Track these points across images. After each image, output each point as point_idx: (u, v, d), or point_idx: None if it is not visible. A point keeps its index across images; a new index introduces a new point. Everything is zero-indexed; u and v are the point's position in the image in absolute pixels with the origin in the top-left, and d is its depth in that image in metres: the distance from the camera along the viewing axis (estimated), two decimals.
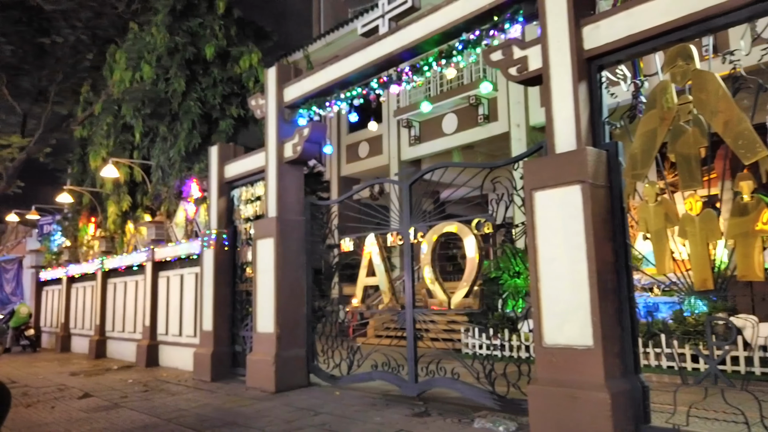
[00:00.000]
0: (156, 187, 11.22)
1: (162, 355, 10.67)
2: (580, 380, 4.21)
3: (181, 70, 10.70)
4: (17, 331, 15.14)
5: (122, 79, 11.83)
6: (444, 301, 5.93)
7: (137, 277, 11.79)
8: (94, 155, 12.27)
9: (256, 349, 7.78)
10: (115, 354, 12.41)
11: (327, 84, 7.35)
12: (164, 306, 10.72)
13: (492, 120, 13.82)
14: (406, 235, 6.45)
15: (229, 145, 9.51)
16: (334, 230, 7.77)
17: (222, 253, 9.02)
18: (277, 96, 8.09)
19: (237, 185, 9.21)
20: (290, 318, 7.59)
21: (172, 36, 10.78)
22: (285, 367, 7.37)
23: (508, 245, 10.43)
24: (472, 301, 5.67)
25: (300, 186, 8.16)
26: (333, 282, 8.35)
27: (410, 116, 15.39)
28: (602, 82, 4.72)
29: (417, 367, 6.21)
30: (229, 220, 9.25)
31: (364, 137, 17.43)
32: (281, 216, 7.76)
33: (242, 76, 11.16)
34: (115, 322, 12.58)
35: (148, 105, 10.60)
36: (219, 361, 8.66)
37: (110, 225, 12.48)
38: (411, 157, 15.96)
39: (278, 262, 7.60)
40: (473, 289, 5.68)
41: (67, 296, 15.04)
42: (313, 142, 7.71)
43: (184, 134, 10.57)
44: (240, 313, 8.88)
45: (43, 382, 9.20)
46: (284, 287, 7.59)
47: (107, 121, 11.97)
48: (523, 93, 13.10)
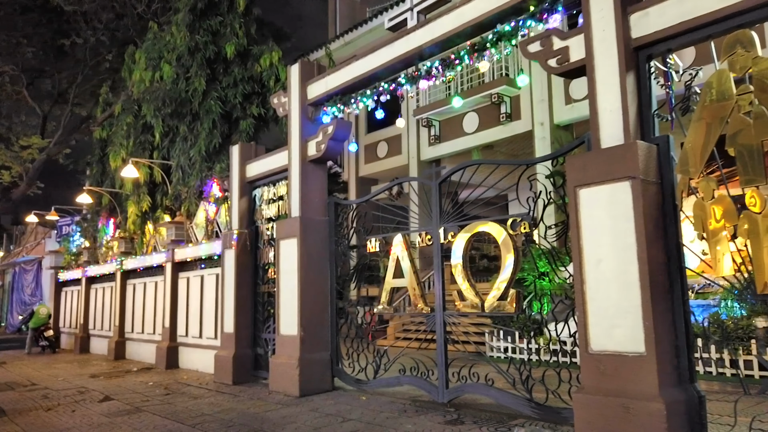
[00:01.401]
0: (176, 187, 11.10)
1: (182, 357, 10.54)
2: (631, 389, 3.95)
3: (201, 69, 10.57)
4: (36, 332, 15.12)
5: (142, 79, 11.74)
6: (477, 303, 5.70)
7: (157, 277, 11.68)
8: (113, 155, 12.20)
9: (279, 352, 7.59)
10: (135, 356, 12.31)
11: (353, 80, 7.16)
12: (184, 307, 10.59)
13: (515, 119, 13.55)
14: (435, 235, 6.23)
15: (251, 145, 9.35)
16: (358, 230, 7.54)
17: (244, 254, 8.85)
18: (300, 93, 7.91)
19: (259, 185, 9.05)
20: (314, 320, 7.39)
21: (192, 35, 10.66)
22: (309, 371, 7.17)
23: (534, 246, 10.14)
24: (508, 304, 5.42)
25: (323, 185, 7.98)
26: (352, 283, 8.13)
27: (430, 115, 15.15)
28: (651, 73, 4.46)
29: (448, 372, 5.98)
30: (251, 220, 9.09)
31: (383, 137, 17.23)
32: (304, 216, 7.58)
33: (263, 75, 11.00)
34: (135, 323, 12.48)
35: (168, 104, 10.48)
36: (241, 364, 8.49)
37: (130, 225, 12.39)
38: (430, 157, 15.70)
39: (302, 262, 7.41)
40: (509, 291, 5.44)
41: (86, 297, 15.00)
42: (337, 140, 7.52)
43: (204, 134, 10.44)
44: (262, 315, 8.71)
45: (62, 384, 9.09)
46: (308, 288, 7.40)
47: (127, 121, 11.88)
48: (546, 90, 12.82)
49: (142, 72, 11.73)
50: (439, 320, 6.08)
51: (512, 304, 5.40)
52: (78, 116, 19.06)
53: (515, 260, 5.41)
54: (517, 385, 5.27)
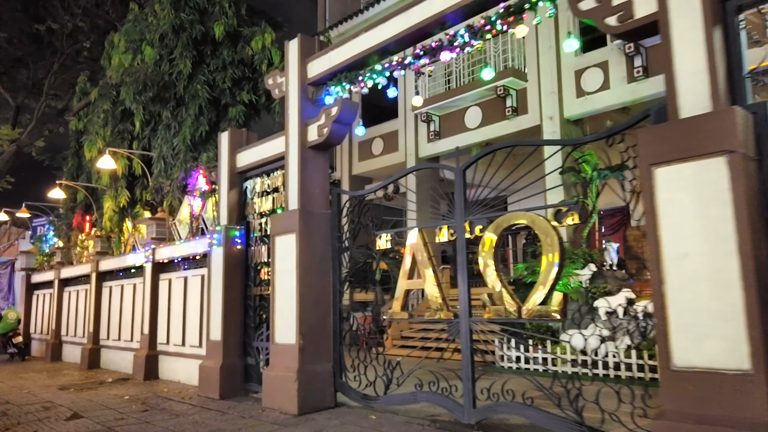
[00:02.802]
0: (158, 179, 10.14)
1: (162, 366, 9.56)
2: (731, 416, 3.15)
3: (187, 50, 9.65)
4: (5, 338, 14.00)
5: (121, 64, 10.76)
6: (512, 307, 4.87)
7: (135, 279, 10.69)
8: (89, 145, 11.18)
9: (275, 363, 6.69)
10: (110, 364, 11.29)
11: (361, 54, 6.33)
12: (165, 312, 9.62)
13: (521, 113, 12.79)
14: (460, 230, 5.39)
15: (242, 131, 8.46)
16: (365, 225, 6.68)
17: (233, 253, 7.95)
18: (299, 72, 7.05)
19: (250, 176, 8.16)
20: (315, 327, 6.51)
21: (177, 13, 9.73)
22: (309, 385, 6.28)
23: None
24: (552, 309, 4.60)
25: (325, 174, 7.11)
26: (344, 287, 7.23)
27: (430, 110, 14.35)
28: (741, 27, 3.67)
29: (475, 388, 5.13)
30: (241, 215, 8.19)
31: (379, 133, 16.38)
32: (304, 208, 6.70)
33: (254, 59, 10.11)
34: (111, 329, 11.46)
35: (150, 88, 9.53)
36: (229, 376, 7.56)
37: (106, 222, 11.39)
38: (429, 154, 14.90)
39: (301, 261, 6.53)
40: (552, 293, 4.62)
41: (58, 301, 13.92)
42: (342, 123, 6.66)
43: (189, 121, 9.51)
44: (253, 321, 7.80)
45: (27, 397, 8.08)
46: (308, 291, 6.52)
47: (104, 108, 10.89)
48: (557, 82, 12.08)
49: (121, 56, 10.75)
50: (464, 328, 5.23)
51: (558, 309, 4.57)
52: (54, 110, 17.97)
53: (561, 257, 4.59)
54: (563, 405, 4.45)
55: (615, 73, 11.20)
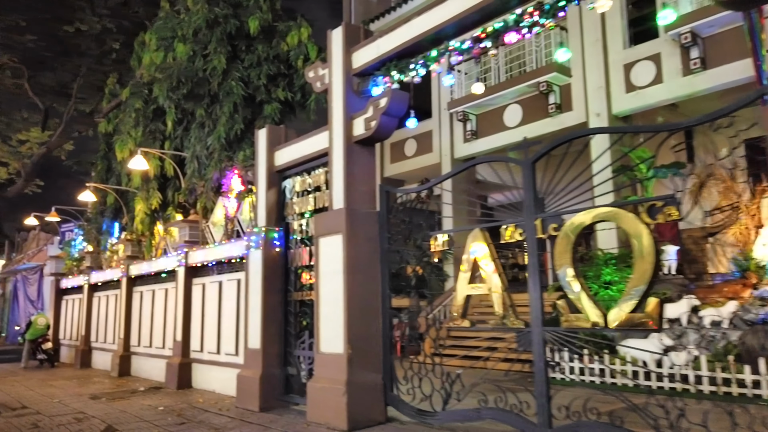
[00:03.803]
0: (191, 180, 9.77)
1: (196, 375, 9.16)
2: None
3: (221, 46, 9.28)
4: (34, 344, 13.75)
5: (152, 62, 10.45)
6: (596, 316, 4.32)
7: (167, 284, 10.33)
8: (120, 146, 10.87)
9: (320, 374, 6.22)
10: (141, 372, 10.93)
11: (413, 40, 5.89)
12: (199, 318, 9.23)
13: (565, 110, 12.19)
14: (530, 229, 4.87)
15: (280, 128, 8.04)
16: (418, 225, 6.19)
17: (272, 256, 7.51)
18: (344, 62, 6.61)
19: (289, 174, 7.73)
20: (363, 334, 6.03)
21: (211, 7, 9.37)
22: (358, 398, 5.80)
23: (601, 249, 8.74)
24: (647, 317, 4.04)
25: (372, 171, 6.65)
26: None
27: (466, 108, 13.83)
28: None
29: (550, 406, 4.59)
30: (280, 216, 7.76)
31: (411, 134, 15.86)
32: (351, 207, 6.23)
33: (289, 55, 9.71)
34: (142, 335, 11.11)
35: (183, 85, 9.18)
36: (269, 387, 7.11)
37: (137, 225, 11.06)
38: (465, 155, 14.34)
39: (348, 264, 6.06)
40: (646, 299, 4.07)
41: (88, 306, 13.65)
42: (391, 115, 6.19)
43: (224, 119, 9.13)
44: (294, 328, 7.34)
45: (58, 408, 7.73)
46: (356, 296, 6.05)
47: (136, 107, 10.57)
48: (603, 77, 11.48)
49: (152, 54, 10.44)
50: (537, 338, 4.69)
51: (653, 316, 4.02)
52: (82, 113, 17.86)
53: (654, 258, 4.05)
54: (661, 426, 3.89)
55: (668, 66, 10.57)
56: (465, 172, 7.29)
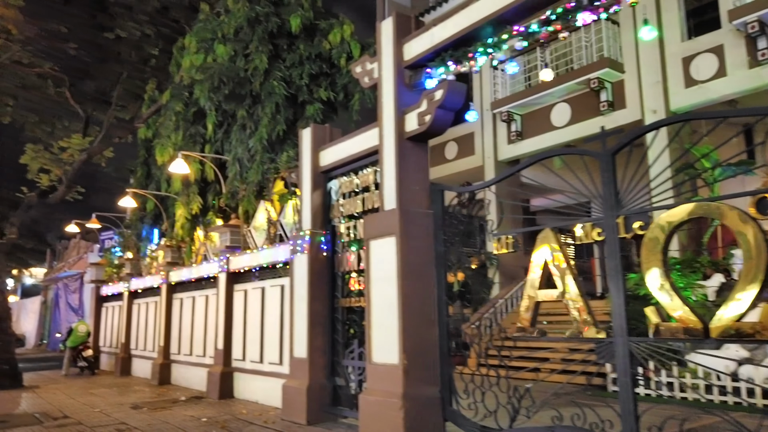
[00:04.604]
0: (232, 183, 9.52)
1: (238, 384, 8.87)
2: None
3: (263, 45, 9.03)
4: (75, 351, 13.72)
5: (192, 64, 10.28)
6: (693, 323, 3.81)
7: (208, 291, 10.10)
8: (160, 149, 10.72)
9: (373, 386, 5.81)
10: (181, 380, 10.71)
11: (472, 27, 5.46)
12: (241, 325, 8.95)
13: (618, 107, 11.59)
14: (611, 228, 4.38)
15: (325, 127, 7.72)
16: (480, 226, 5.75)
17: (318, 260, 7.17)
18: (395, 54, 6.24)
19: (335, 175, 7.39)
20: (419, 344, 5.61)
21: (252, 5, 9.14)
22: (415, 413, 5.37)
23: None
24: (758, 326, 3.52)
25: (425, 169, 6.24)
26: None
27: (511, 108, 13.34)
28: None
29: (639, 426, 4.08)
30: (326, 218, 7.41)
31: (452, 136, 15.40)
32: (404, 208, 5.83)
33: (331, 53, 9.40)
34: (182, 343, 10.89)
35: (225, 85, 8.96)
36: (316, 398, 6.74)
37: (178, 230, 10.87)
38: (510, 157, 13.85)
39: (402, 268, 5.66)
40: (756, 306, 3.55)
41: (128, 313, 13.57)
42: (447, 109, 5.79)
43: (266, 120, 8.86)
44: (342, 337, 6.96)
45: (99, 417, 7.50)
46: (411, 302, 5.63)
47: (176, 110, 10.41)
48: (660, 71, 10.85)
49: (192, 57, 10.27)
50: (622, 349, 4.19)
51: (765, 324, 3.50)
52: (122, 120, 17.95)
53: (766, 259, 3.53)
54: None
55: (733, 58, 9.91)
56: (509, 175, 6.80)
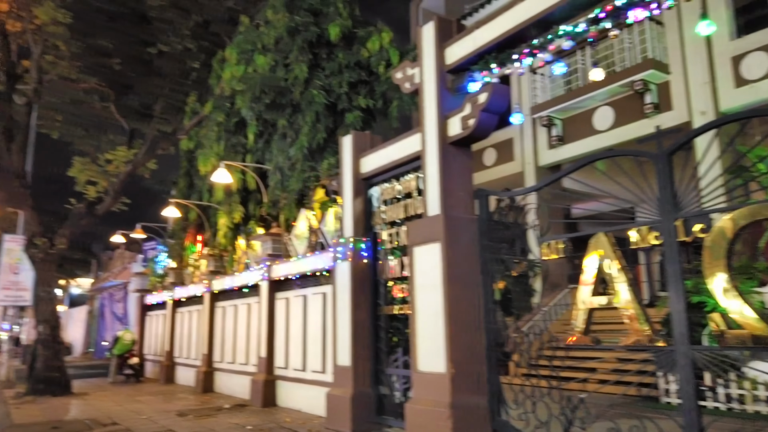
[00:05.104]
0: (273, 192, 9.58)
1: (281, 393, 8.87)
2: None
3: (302, 54, 9.10)
4: (121, 359, 14.01)
5: (233, 76, 10.43)
6: (762, 330, 3.61)
7: (250, 299, 10.16)
8: (203, 159, 10.91)
9: (419, 395, 5.71)
10: (224, 389, 10.79)
11: (516, 28, 5.39)
12: (283, 333, 8.96)
13: (663, 110, 11.25)
14: (668, 231, 4.20)
15: (365, 134, 7.71)
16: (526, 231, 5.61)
17: (360, 267, 7.13)
18: (436, 58, 6.18)
19: (376, 182, 7.35)
20: (466, 352, 5.50)
21: (291, 15, 9.23)
22: (464, 423, 5.25)
23: None
24: None
25: (469, 174, 6.15)
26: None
27: (551, 112, 13.11)
28: None
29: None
30: (367, 225, 7.37)
31: (490, 142, 15.22)
32: (448, 213, 5.74)
33: (370, 61, 9.41)
34: (225, 351, 10.99)
35: (266, 95, 9.06)
36: (361, 407, 6.68)
37: (220, 239, 11.00)
38: (550, 162, 13.60)
39: (447, 274, 5.57)
40: None
41: (171, 322, 13.78)
42: (492, 112, 5.68)
43: (306, 128, 8.90)
44: (385, 344, 6.88)
45: (147, 425, 7.59)
46: (457, 309, 5.53)
47: (218, 120, 10.57)
48: (708, 71, 10.50)
49: (233, 68, 10.42)
50: (684, 359, 4.00)
51: None
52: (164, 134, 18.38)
53: None
54: None
55: None
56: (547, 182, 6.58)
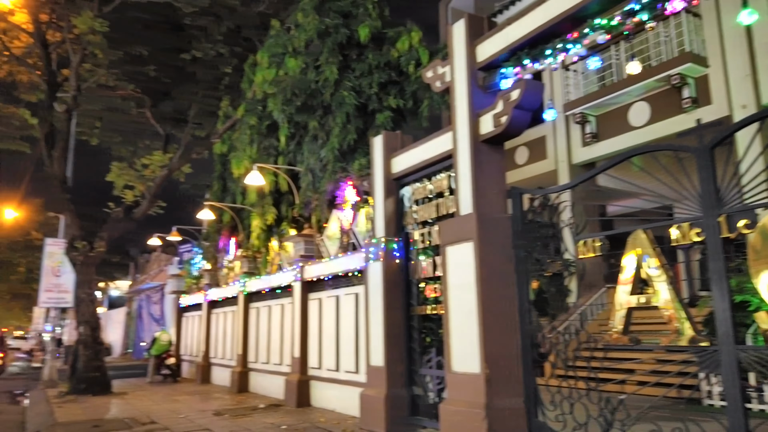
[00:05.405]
0: (305, 194, 9.66)
1: (314, 393, 8.91)
2: None
3: (332, 56, 9.15)
4: (158, 359, 14.29)
5: (265, 80, 10.55)
6: None
7: (283, 300, 10.25)
8: (236, 162, 11.07)
9: (453, 396, 5.66)
10: (259, 389, 10.90)
11: (549, 23, 5.28)
12: (316, 334, 9.01)
13: (702, 104, 10.95)
14: (711, 227, 4.07)
15: (396, 134, 7.69)
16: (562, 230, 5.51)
17: (392, 267, 7.11)
18: (467, 56, 6.12)
19: (408, 182, 7.33)
20: (501, 353, 5.42)
21: (321, 18, 9.29)
22: (499, 424, 5.18)
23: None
24: None
25: (502, 172, 6.06)
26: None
27: (585, 109, 12.88)
28: None
29: None
30: (399, 225, 7.35)
31: (522, 141, 15.03)
32: (480, 212, 5.68)
33: (400, 61, 9.40)
34: (259, 352, 11.10)
35: (297, 97, 9.14)
36: (395, 408, 6.65)
37: (254, 241, 11.13)
38: (585, 160, 13.37)
39: (481, 274, 5.50)
40: None
41: (207, 323, 14.00)
42: (525, 109, 5.60)
43: (337, 129, 8.94)
44: (419, 345, 6.85)
45: (185, 424, 7.71)
46: (491, 309, 5.46)
47: (250, 124, 10.71)
48: (749, 64, 10.17)
49: (265, 72, 10.54)
50: (729, 359, 3.86)
51: None
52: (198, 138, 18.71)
53: None
54: None
55: None
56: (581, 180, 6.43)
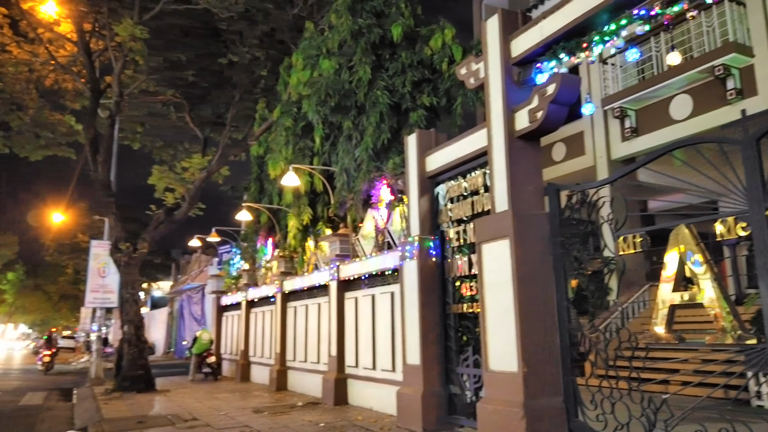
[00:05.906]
0: (340, 194, 9.74)
1: (351, 391, 8.95)
2: None
3: (366, 56, 9.19)
4: (199, 358, 14.60)
5: (299, 81, 10.66)
6: None
7: (320, 299, 10.34)
8: (273, 164, 11.22)
9: (491, 395, 5.61)
10: (297, 387, 11.02)
11: (585, 15, 5.20)
12: (353, 332, 9.05)
13: (747, 95, 10.55)
14: (758, 221, 3.92)
15: (430, 132, 7.68)
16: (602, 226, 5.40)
17: (428, 266, 7.09)
18: (502, 51, 6.06)
19: (442, 180, 7.30)
20: (539, 351, 5.35)
21: (355, 18, 9.34)
22: (538, 423, 5.12)
23: None
24: None
25: (538, 168, 5.99)
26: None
27: (624, 103, 12.58)
28: None
29: None
30: (434, 224, 7.33)
31: (559, 137, 14.76)
32: (517, 209, 5.61)
33: (433, 59, 9.38)
34: (297, 350, 11.23)
35: (331, 97, 9.22)
36: (432, 406, 6.64)
37: (291, 241, 11.27)
38: (624, 155, 13.04)
39: (518, 271, 5.44)
40: None
41: (246, 322, 14.23)
42: (561, 103, 5.51)
43: (371, 129, 8.98)
44: (455, 343, 6.81)
45: (225, 420, 7.86)
46: (529, 307, 5.40)
47: (286, 125, 10.85)
48: None
49: (299, 74, 10.65)
50: None
51: None
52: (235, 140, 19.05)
53: None
54: None
55: None
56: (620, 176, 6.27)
